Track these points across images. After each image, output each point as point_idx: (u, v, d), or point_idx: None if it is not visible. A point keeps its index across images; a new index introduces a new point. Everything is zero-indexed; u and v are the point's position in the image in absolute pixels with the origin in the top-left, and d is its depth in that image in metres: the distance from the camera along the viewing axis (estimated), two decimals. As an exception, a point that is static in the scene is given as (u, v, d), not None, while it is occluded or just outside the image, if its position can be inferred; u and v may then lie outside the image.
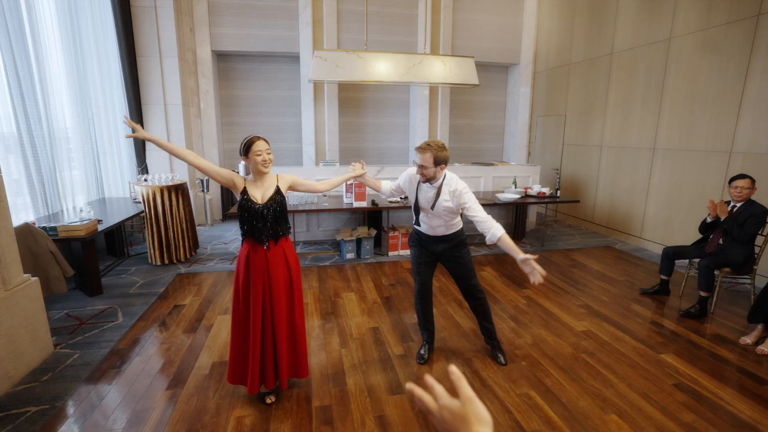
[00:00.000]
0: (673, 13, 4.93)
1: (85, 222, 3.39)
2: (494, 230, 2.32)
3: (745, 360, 2.74)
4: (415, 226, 2.67)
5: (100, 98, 5.15)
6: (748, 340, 2.91)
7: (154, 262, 4.56)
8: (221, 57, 6.71)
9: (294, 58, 6.77)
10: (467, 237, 2.66)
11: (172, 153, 2.06)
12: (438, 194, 2.43)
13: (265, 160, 2.12)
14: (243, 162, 4.38)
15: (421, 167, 2.36)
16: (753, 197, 3.37)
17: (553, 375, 2.55)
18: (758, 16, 4.06)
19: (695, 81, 4.69)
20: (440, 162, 2.34)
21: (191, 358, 2.73)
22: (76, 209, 3.64)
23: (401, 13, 6.86)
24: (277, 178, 2.23)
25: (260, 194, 2.15)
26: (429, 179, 2.40)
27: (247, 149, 2.11)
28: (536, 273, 2.12)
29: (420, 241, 2.65)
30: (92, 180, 5.02)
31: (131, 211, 4.47)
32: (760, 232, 3.33)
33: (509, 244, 2.27)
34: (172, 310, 3.46)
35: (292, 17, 6.47)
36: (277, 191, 2.19)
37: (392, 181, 2.79)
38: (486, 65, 7.49)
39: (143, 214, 4.49)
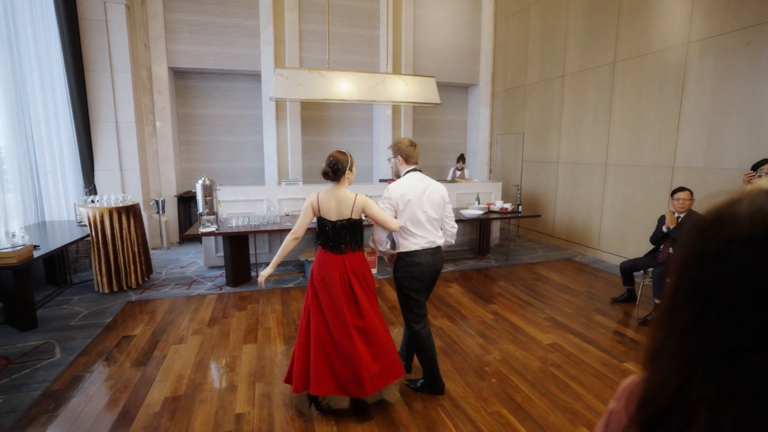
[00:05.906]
0: (615, 39, 5.29)
1: (18, 248, 3.06)
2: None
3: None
4: (422, 247, 2.39)
5: (42, 114, 4.79)
6: None
7: (101, 290, 4.21)
8: (179, 74, 6.50)
9: (255, 76, 6.67)
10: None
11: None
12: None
13: None
14: (201, 181, 4.18)
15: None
16: (693, 208, 3.60)
17: (523, 390, 2.52)
18: (688, 45, 4.43)
19: (639, 101, 5.02)
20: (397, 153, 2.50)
21: (140, 395, 2.48)
22: (9, 234, 3.29)
23: (363, 33, 6.96)
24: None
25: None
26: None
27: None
28: None
29: (422, 271, 2.38)
30: (30, 202, 4.62)
31: (75, 235, 4.13)
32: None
33: None
34: (120, 342, 3.17)
35: (253, 35, 6.40)
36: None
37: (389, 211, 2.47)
38: (447, 85, 7.71)
39: (89, 238, 4.16)
